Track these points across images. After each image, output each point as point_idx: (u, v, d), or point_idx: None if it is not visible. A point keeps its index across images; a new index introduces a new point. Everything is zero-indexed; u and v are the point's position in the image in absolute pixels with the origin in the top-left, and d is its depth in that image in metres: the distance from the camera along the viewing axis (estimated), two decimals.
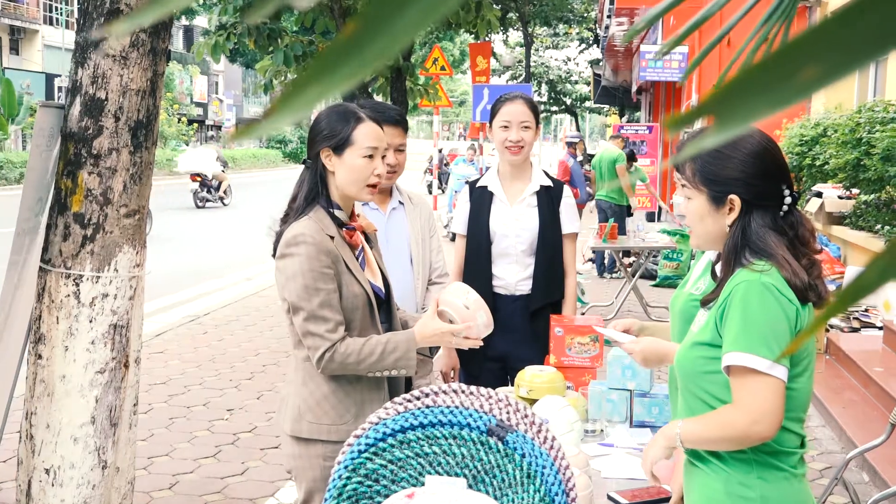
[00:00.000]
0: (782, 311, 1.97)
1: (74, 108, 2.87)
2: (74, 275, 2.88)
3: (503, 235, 3.74)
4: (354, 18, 0.42)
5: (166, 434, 5.85)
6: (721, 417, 2.03)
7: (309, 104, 0.43)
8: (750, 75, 0.42)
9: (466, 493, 1.55)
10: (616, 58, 29.01)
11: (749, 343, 1.95)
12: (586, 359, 3.39)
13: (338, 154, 2.71)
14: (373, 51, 0.42)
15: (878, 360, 6.68)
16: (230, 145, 45.83)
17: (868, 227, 8.94)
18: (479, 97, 15.65)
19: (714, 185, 2.11)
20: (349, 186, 2.73)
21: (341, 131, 2.71)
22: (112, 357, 2.94)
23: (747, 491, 2.03)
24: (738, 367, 1.96)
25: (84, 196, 2.87)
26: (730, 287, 2.03)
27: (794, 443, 2.07)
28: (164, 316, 9.58)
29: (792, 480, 2.06)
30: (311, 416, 2.75)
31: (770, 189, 2.07)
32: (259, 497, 4.84)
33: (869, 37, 0.41)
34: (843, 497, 4.24)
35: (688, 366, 2.13)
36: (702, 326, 2.12)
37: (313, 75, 0.43)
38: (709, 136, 0.45)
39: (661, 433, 2.19)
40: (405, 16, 0.42)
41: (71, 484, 2.91)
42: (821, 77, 0.41)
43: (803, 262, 2.05)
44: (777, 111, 0.42)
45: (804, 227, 2.10)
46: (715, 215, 2.12)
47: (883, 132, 7.96)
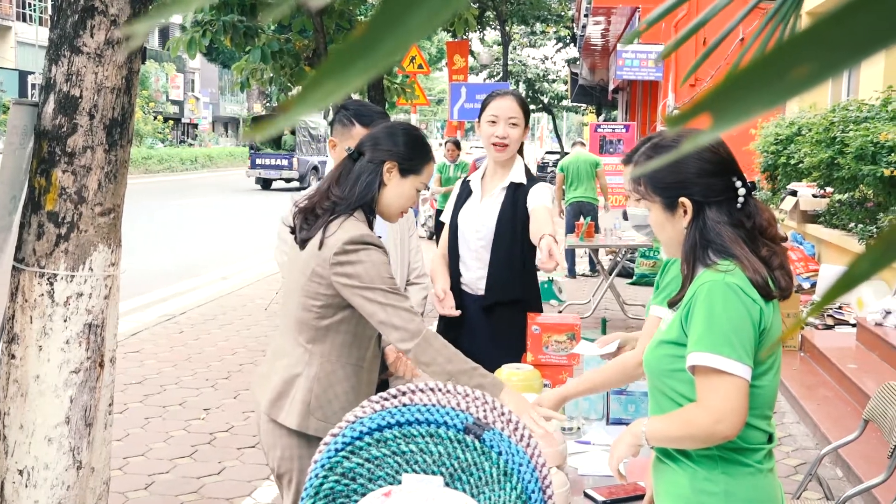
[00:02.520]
0: (746, 311, 1.99)
1: (48, 105, 2.85)
2: (48, 274, 2.86)
3: (465, 229, 3.70)
4: (368, 18, 0.44)
5: (142, 434, 5.81)
6: (685, 416, 2.05)
7: (323, 100, 0.45)
8: (744, 74, 0.43)
9: (443, 491, 1.56)
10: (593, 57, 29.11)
11: (713, 343, 1.97)
12: (563, 357, 3.40)
13: (402, 175, 2.79)
14: (384, 49, 0.44)
15: (852, 357, 6.74)
16: (244, 141, 45.57)
17: (842, 225, 9.02)
18: (457, 95, 15.66)
19: (664, 191, 2.13)
20: (391, 206, 2.82)
21: (417, 159, 2.81)
22: (87, 357, 2.92)
23: (712, 486, 2.05)
24: (702, 367, 1.98)
25: (58, 194, 2.84)
26: (694, 287, 2.05)
27: (760, 439, 2.09)
28: (139, 315, 9.52)
29: (757, 475, 2.08)
30: (321, 414, 2.73)
31: (718, 184, 2.08)
32: (236, 497, 4.83)
33: (858, 37, 0.42)
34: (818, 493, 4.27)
35: (655, 364, 2.16)
36: (669, 325, 2.15)
37: (328, 72, 0.45)
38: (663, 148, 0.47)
39: (627, 431, 2.21)
40: (415, 15, 0.43)
41: (45, 485, 2.89)
42: (811, 76, 0.43)
43: (763, 253, 2.07)
44: (770, 109, 0.44)
45: (761, 216, 2.10)
46: (672, 221, 2.14)
47: (856, 131, 8.03)
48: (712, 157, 2.09)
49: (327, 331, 2.74)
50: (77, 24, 2.80)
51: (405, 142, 2.80)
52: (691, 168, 2.08)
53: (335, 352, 2.76)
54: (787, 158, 10.21)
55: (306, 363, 2.76)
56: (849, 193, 8.63)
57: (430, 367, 2.61)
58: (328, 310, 2.72)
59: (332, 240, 2.65)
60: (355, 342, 2.77)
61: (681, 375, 2.07)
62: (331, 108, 6.00)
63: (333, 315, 2.73)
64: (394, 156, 2.76)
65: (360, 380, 2.81)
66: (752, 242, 2.07)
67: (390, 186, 2.76)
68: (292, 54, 11.03)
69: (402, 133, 2.83)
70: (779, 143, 10.62)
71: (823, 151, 8.77)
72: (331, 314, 2.73)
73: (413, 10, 0.43)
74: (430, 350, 2.58)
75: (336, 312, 2.72)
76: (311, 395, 2.73)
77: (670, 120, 0.46)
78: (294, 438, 2.77)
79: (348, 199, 2.72)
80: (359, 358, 2.80)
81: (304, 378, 2.75)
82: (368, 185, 2.74)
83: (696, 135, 0.47)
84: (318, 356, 2.75)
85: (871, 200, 8.09)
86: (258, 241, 15.67)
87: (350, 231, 2.65)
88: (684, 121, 0.45)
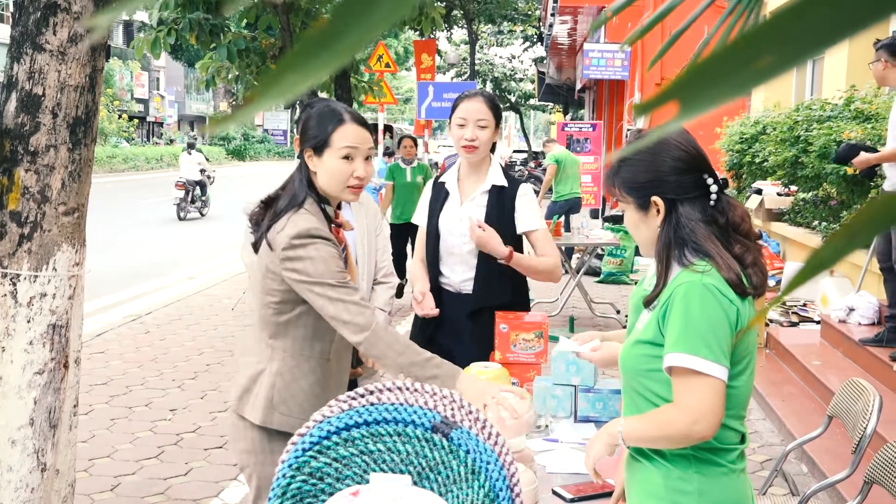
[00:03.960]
0: (723, 312, 1.99)
1: (10, 103, 2.81)
2: (11, 274, 2.83)
3: (449, 234, 3.68)
4: (329, 12, 0.44)
5: (108, 435, 5.76)
6: (662, 417, 2.05)
7: (283, 94, 0.45)
8: (711, 63, 0.44)
9: (411, 490, 1.55)
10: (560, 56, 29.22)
11: (690, 344, 1.97)
12: (531, 355, 3.41)
13: (318, 155, 2.75)
14: (344, 43, 0.44)
15: (816, 354, 6.82)
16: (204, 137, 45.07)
17: (806, 223, 9.11)
18: (424, 94, 15.66)
19: (636, 191, 2.13)
20: (330, 188, 2.77)
21: (320, 133, 2.75)
22: (51, 358, 2.89)
23: (685, 485, 2.06)
24: (679, 368, 1.98)
25: (21, 194, 2.81)
26: (671, 288, 2.05)
27: (734, 439, 2.10)
28: (104, 315, 9.43)
29: (730, 475, 2.09)
30: (284, 409, 2.75)
31: (689, 181, 2.08)
32: (203, 498, 4.79)
33: (818, 29, 0.43)
34: (783, 488, 4.32)
35: (630, 363, 2.15)
36: (645, 325, 2.14)
37: (288, 66, 0.45)
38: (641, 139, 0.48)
39: (603, 430, 2.21)
40: (377, 8, 0.44)
41: (9, 487, 2.85)
42: (775, 66, 0.43)
43: (737, 250, 2.07)
44: (736, 97, 0.44)
45: (734, 213, 2.11)
46: (646, 220, 2.14)
47: (819, 130, 8.12)
48: (683, 156, 2.09)
49: (287, 326, 2.76)
50: (40, 21, 2.77)
51: (305, 121, 2.80)
52: (662, 167, 2.08)
53: (297, 346, 2.78)
54: (752, 157, 10.32)
55: (269, 358, 2.78)
56: (813, 192, 8.72)
57: (382, 361, 2.62)
58: (286, 305, 2.74)
59: (280, 236, 2.67)
60: (316, 335, 2.78)
61: (657, 375, 2.08)
62: (297, 106, 6.01)
63: (292, 310, 2.75)
64: (304, 141, 2.77)
65: (327, 372, 2.82)
66: (726, 239, 2.08)
67: (318, 171, 2.76)
68: (258, 52, 10.98)
69: (306, 114, 2.82)
70: (744, 141, 10.72)
71: (788, 150, 8.86)
72: (289, 309, 2.75)
73: (375, 3, 0.43)
74: (380, 343, 2.58)
75: (294, 307, 2.74)
76: (273, 391, 2.75)
77: (638, 107, 0.46)
78: (257, 432, 2.79)
79: (288, 195, 2.76)
80: (322, 351, 2.80)
81: (268, 374, 2.77)
82: (300, 182, 2.77)
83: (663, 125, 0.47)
84: (280, 351, 2.77)
85: (834, 198, 8.18)
86: (225, 240, 15.58)
87: (298, 225, 2.66)
88: (652, 108, 0.45)
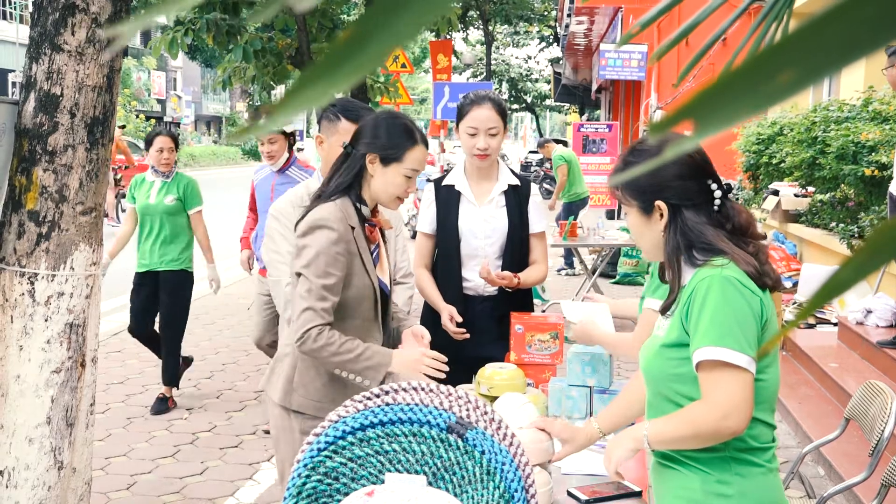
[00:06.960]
0: (746, 302, 1.97)
1: (29, 103, 2.83)
2: (29, 273, 2.84)
3: (472, 236, 3.68)
4: (354, 21, 0.44)
5: (124, 434, 5.79)
6: (689, 414, 2.01)
7: (309, 103, 0.45)
8: (729, 79, 0.43)
9: (426, 491, 1.55)
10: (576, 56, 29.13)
11: (718, 337, 1.94)
12: (546, 356, 3.40)
13: (383, 164, 2.80)
14: (370, 52, 0.44)
15: (833, 356, 6.78)
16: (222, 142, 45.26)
17: (823, 224, 9.06)
18: (440, 95, 15.66)
19: (640, 195, 2.13)
20: (381, 195, 2.84)
21: (393, 147, 2.80)
22: (68, 356, 2.90)
23: (725, 488, 2.02)
24: (708, 362, 1.95)
25: (39, 193, 2.83)
26: (692, 285, 2.03)
27: (768, 437, 2.07)
28: (121, 315, 9.46)
29: (768, 475, 2.06)
30: (303, 391, 2.85)
31: (693, 187, 2.08)
32: (218, 497, 4.81)
33: (841, 42, 0.42)
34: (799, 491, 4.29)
35: (658, 370, 2.11)
36: (667, 330, 2.11)
37: (315, 75, 0.45)
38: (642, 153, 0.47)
39: (626, 434, 2.18)
40: (401, 18, 0.43)
41: (26, 485, 2.87)
42: (797, 81, 0.43)
43: (749, 250, 2.06)
44: (755, 114, 0.43)
45: (740, 217, 2.10)
46: (649, 224, 2.13)
47: (837, 131, 8.08)
48: (687, 161, 2.08)
49: None
50: (58, 21, 2.78)
51: (385, 131, 2.83)
52: (667, 172, 2.07)
53: None
54: (769, 158, 10.26)
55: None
56: (830, 193, 8.68)
57: (320, 363, 2.76)
58: None
59: (301, 223, 2.78)
60: (337, 320, 2.79)
61: (686, 377, 2.04)
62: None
63: None
64: (373, 147, 2.81)
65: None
66: (737, 241, 2.07)
67: (376, 177, 2.82)
68: (275, 53, 10.99)
69: (383, 123, 2.86)
70: (761, 142, 10.66)
71: (805, 151, 8.81)
72: None
73: (398, 12, 0.43)
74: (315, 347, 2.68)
75: None
76: (294, 372, 2.86)
77: (654, 126, 0.46)
78: (279, 410, 2.91)
79: (331, 189, 2.82)
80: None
81: (291, 356, 2.88)
82: (346, 175, 2.82)
83: (678, 141, 0.47)
84: None
85: (852, 200, 8.13)
86: None
87: (316, 213, 2.74)
88: (668, 126, 0.45)
